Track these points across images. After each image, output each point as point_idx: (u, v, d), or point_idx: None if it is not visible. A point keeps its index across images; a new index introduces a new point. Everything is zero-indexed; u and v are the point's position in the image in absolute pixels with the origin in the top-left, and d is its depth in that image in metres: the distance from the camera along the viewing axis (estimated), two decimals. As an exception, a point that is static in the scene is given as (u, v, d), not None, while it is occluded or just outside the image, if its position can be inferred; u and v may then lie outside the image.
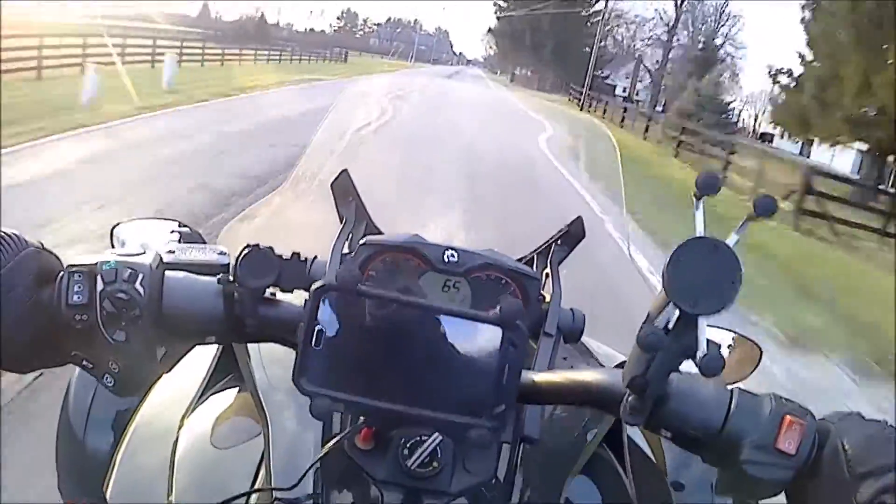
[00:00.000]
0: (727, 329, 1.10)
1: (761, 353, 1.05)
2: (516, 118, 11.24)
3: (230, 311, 0.57)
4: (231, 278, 0.57)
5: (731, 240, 0.48)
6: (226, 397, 0.79)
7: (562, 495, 0.67)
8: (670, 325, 0.49)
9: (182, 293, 0.57)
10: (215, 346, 0.82)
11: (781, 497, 0.53)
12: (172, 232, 0.94)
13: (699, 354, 0.48)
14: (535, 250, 0.96)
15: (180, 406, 0.77)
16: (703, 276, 0.47)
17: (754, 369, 1.03)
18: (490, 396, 0.53)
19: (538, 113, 12.10)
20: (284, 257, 0.58)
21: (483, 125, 8.28)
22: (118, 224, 0.97)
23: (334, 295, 0.52)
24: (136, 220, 0.99)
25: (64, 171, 5.65)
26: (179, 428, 0.74)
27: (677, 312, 0.48)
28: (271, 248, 0.57)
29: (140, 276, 0.53)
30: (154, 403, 0.81)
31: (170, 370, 0.59)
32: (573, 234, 0.91)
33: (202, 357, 0.84)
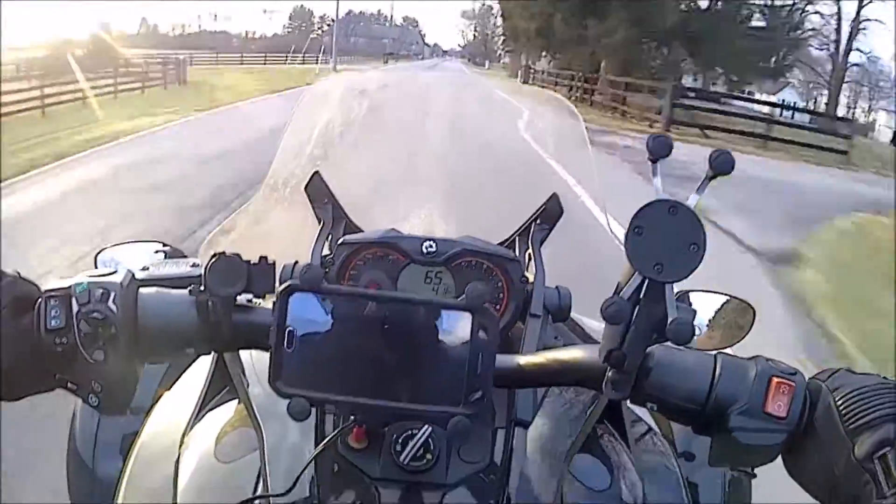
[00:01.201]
0: (718, 292, 1.14)
1: (755, 313, 1.09)
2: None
3: (205, 321, 0.59)
4: (202, 288, 0.60)
5: (691, 200, 0.50)
6: (226, 410, 0.81)
7: (563, 475, 0.70)
8: (641, 294, 0.51)
9: (156, 307, 0.60)
10: (210, 359, 0.85)
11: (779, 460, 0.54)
12: (157, 252, 0.97)
13: (669, 322, 0.49)
14: (515, 232, 0.99)
15: (181, 423, 0.80)
16: (665, 241, 0.49)
17: (749, 330, 1.07)
18: (466, 383, 0.55)
19: None
20: (252, 262, 0.60)
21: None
22: (102, 249, 1.00)
23: (302, 296, 0.54)
24: (119, 245, 1.03)
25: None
26: (181, 445, 0.76)
27: (645, 281, 0.50)
28: (238, 255, 0.60)
29: (112, 295, 0.56)
30: (155, 423, 0.83)
31: (170, 388, 0.61)
32: (551, 212, 0.95)
33: (200, 372, 0.87)
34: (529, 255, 0.93)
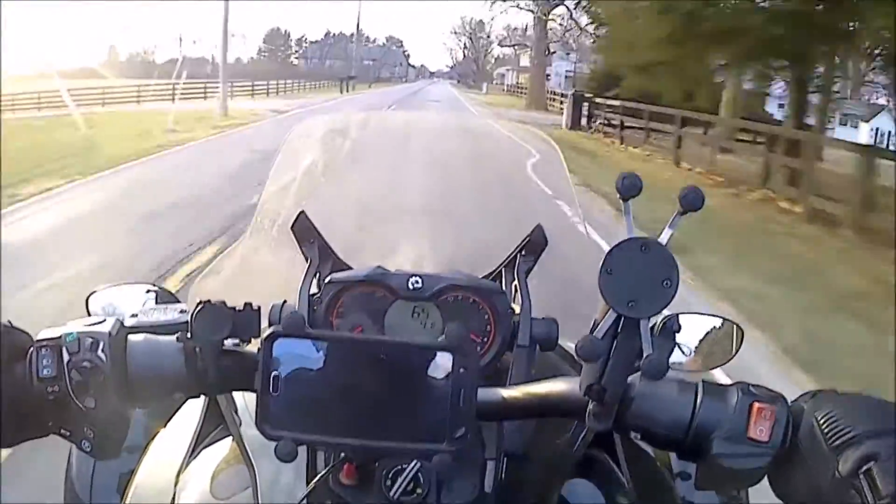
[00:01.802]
0: (706, 314, 1.18)
1: (743, 334, 1.12)
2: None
3: (192, 367, 0.62)
4: (189, 335, 0.62)
5: (662, 237, 0.53)
6: (220, 448, 0.84)
7: (554, 500, 0.73)
8: (619, 330, 0.53)
9: (145, 354, 0.62)
10: (202, 401, 0.87)
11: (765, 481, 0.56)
12: (148, 292, 1.00)
13: (644, 357, 0.52)
14: (500, 264, 1.02)
15: (175, 463, 0.82)
16: (638, 277, 0.52)
17: (737, 351, 1.10)
18: (449, 420, 0.57)
19: None
20: (238, 309, 0.64)
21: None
22: (93, 293, 1.03)
23: (286, 340, 0.57)
24: (109, 287, 1.06)
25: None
26: (175, 484, 0.79)
27: (621, 316, 0.53)
28: (223, 302, 0.63)
29: (102, 344, 0.59)
30: (150, 463, 0.86)
31: (164, 427, 0.64)
32: (535, 243, 0.98)
33: (193, 411, 0.89)
34: (515, 286, 0.96)
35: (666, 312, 0.56)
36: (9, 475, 2.18)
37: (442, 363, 0.57)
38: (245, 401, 0.83)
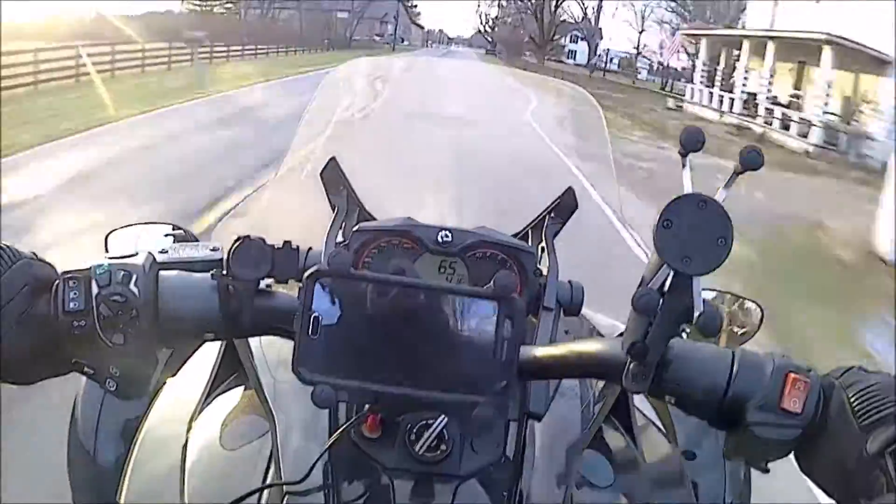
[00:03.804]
0: (728, 292, 1.21)
1: (763, 313, 1.16)
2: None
3: (226, 306, 0.63)
4: (225, 272, 0.63)
5: (719, 195, 0.54)
6: (232, 397, 0.86)
7: (576, 469, 0.75)
8: (666, 288, 0.55)
9: (177, 291, 0.63)
10: (218, 347, 0.89)
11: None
12: (166, 235, 1.02)
13: (696, 315, 0.54)
14: (528, 224, 1.04)
15: (187, 409, 0.85)
16: (693, 234, 0.53)
17: (757, 330, 1.14)
18: (490, 372, 0.59)
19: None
20: (277, 247, 0.64)
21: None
22: (112, 231, 1.04)
23: (328, 281, 0.58)
24: (129, 226, 1.07)
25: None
26: (188, 431, 0.81)
27: (671, 274, 0.54)
28: (262, 239, 0.63)
29: (134, 277, 0.59)
30: (161, 409, 0.88)
31: (175, 374, 0.66)
32: (565, 206, 0.99)
33: (206, 359, 0.91)
34: (542, 247, 0.98)
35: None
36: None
37: (486, 313, 0.58)
38: (262, 347, 0.85)
